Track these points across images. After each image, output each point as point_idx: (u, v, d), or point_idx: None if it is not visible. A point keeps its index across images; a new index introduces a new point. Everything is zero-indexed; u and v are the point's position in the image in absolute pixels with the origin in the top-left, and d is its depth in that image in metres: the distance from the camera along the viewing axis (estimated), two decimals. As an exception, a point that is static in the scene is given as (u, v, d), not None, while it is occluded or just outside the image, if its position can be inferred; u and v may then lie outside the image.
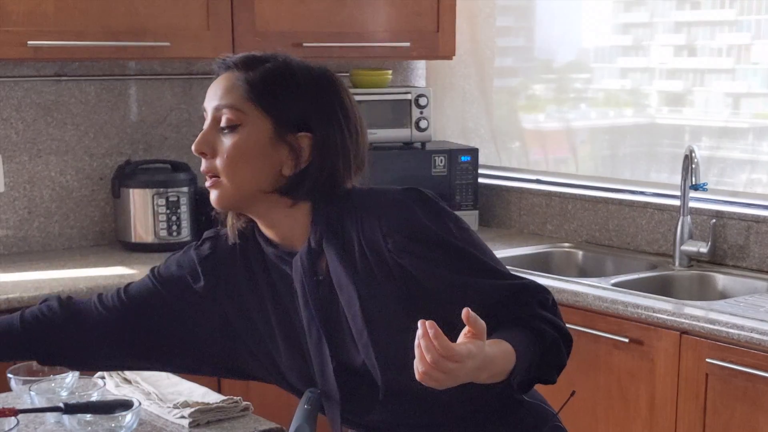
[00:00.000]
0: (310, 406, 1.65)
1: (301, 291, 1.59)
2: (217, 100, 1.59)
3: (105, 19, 3.03)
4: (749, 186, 3.21)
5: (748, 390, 2.45)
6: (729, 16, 3.30)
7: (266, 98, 1.56)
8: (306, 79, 1.59)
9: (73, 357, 1.72)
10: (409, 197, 1.57)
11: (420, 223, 1.54)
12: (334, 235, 1.57)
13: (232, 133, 1.57)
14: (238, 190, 1.58)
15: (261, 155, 1.56)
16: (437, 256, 1.53)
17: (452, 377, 1.34)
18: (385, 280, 1.54)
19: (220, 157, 1.58)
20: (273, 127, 1.56)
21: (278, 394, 3.10)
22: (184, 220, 3.30)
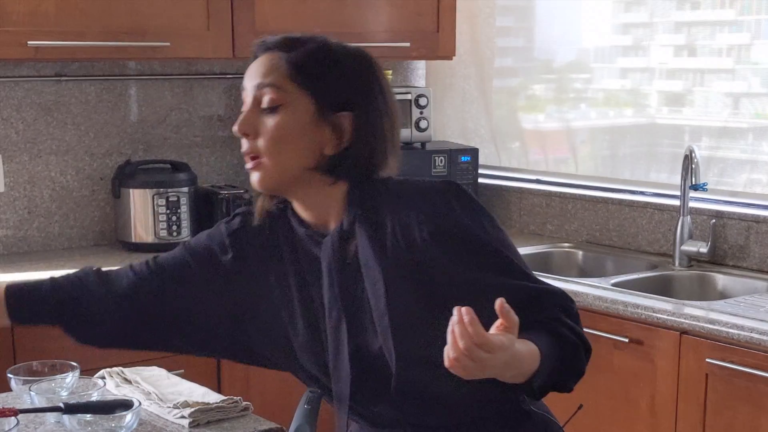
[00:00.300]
0: (310, 406, 1.65)
1: (327, 271, 1.59)
2: (258, 78, 1.58)
3: (105, 20, 3.03)
4: (749, 186, 3.21)
5: (749, 390, 2.45)
6: (729, 16, 3.30)
7: (308, 77, 1.57)
8: (346, 59, 1.60)
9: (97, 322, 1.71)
10: (448, 190, 1.58)
11: (456, 216, 1.55)
12: (367, 218, 1.58)
13: (274, 113, 1.56)
14: (281, 170, 1.57)
15: (303, 135, 1.57)
16: (468, 251, 1.54)
17: (481, 367, 1.33)
18: (412, 268, 1.54)
19: (263, 138, 1.56)
20: (315, 107, 1.57)
21: (278, 394, 3.11)
22: (184, 220, 3.30)
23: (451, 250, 1.54)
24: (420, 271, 1.54)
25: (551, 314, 1.53)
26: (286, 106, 1.56)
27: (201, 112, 3.62)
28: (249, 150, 1.57)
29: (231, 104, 3.67)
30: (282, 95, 1.56)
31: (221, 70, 3.63)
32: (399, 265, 1.54)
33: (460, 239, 1.54)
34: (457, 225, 1.55)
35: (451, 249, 1.54)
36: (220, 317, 1.69)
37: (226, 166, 3.69)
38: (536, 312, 1.51)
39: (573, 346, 1.52)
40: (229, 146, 3.68)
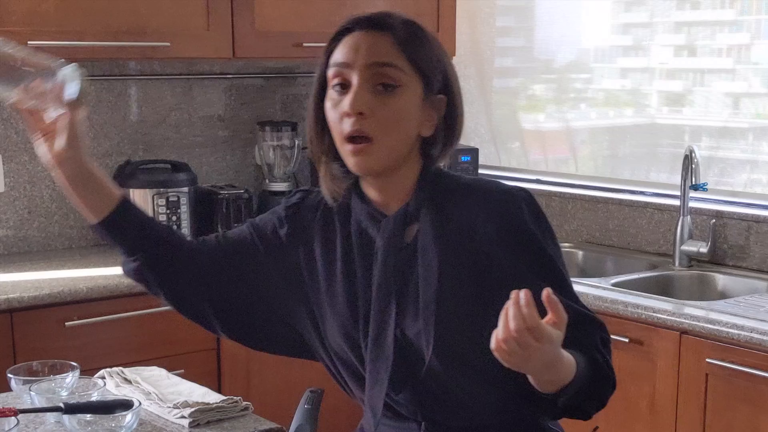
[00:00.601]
0: (310, 406, 1.65)
1: (384, 251, 1.59)
2: (373, 57, 1.54)
3: (105, 19, 3.03)
4: (749, 186, 3.21)
5: (749, 390, 2.45)
6: (729, 16, 3.30)
7: (420, 58, 1.56)
8: (435, 41, 1.61)
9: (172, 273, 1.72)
10: (520, 194, 1.59)
11: (523, 221, 1.56)
12: (434, 204, 1.59)
13: (392, 94, 1.53)
14: (390, 152, 1.56)
15: (414, 117, 1.56)
16: (529, 257, 1.55)
17: (525, 357, 1.32)
18: (470, 261, 1.54)
19: (379, 119, 1.53)
20: (422, 89, 1.56)
21: (278, 394, 3.11)
22: (184, 220, 3.30)
23: (512, 252, 1.54)
24: (476, 266, 1.54)
25: (591, 341, 1.53)
26: (403, 87, 1.54)
27: (201, 112, 3.62)
28: (359, 130, 1.53)
29: (231, 104, 3.67)
30: (401, 76, 1.54)
31: (221, 70, 3.63)
32: (457, 256, 1.54)
33: (524, 244, 1.56)
34: (524, 230, 1.56)
35: (513, 251, 1.54)
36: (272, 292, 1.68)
37: (226, 166, 3.69)
38: (576, 334, 1.51)
39: (604, 375, 1.52)
40: (229, 146, 3.68)
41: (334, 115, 1.57)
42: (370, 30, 1.57)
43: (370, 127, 1.53)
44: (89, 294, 2.80)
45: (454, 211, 1.58)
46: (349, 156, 1.55)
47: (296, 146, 3.57)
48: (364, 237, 1.62)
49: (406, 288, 1.57)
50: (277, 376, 3.12)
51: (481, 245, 1.55)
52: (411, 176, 1.61)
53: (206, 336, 3.01)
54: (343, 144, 1.56)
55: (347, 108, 1.53)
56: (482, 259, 1.54)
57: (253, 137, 3.68)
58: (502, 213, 1.56)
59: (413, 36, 1.58)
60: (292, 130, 3.57)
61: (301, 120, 3.76)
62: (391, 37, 1.55)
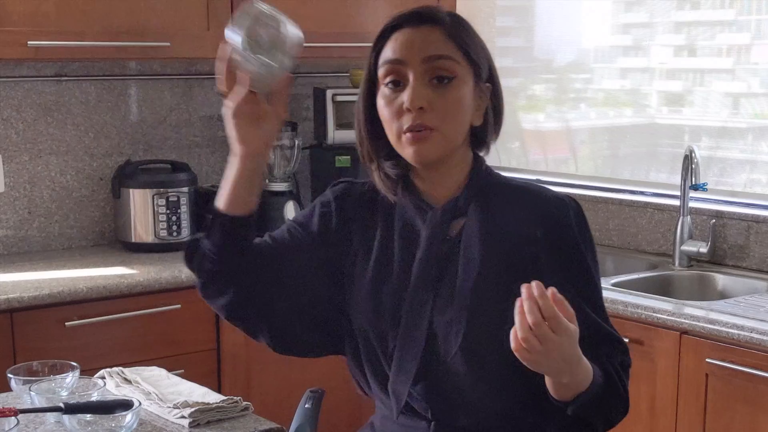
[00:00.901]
0: (310, 406, 1.65)
1: (427, 242, 1.60)
2: (428, 51, 1.55)
3: (105, 20, 3.03)
4: (749, 186, 3.21)
5: (749, 390, 2.45)
6: (729, 16, 3.30)
7: (469, 48, 1.58)
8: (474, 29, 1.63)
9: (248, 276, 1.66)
10: (570, 203, 1.62)
11: (571, 231, 1.59)
12: (483, 201, 1.60)
13: (448, 86, 1.55)
14: (449, 142, 1.57)
15: (469, 106, 1.58)
16: (568, 268, 1.57)
17: (546, 351, 1.33)
18: (509, 263, 1.55)
19: (438, 111, 1.54)
20: (473, 77, 1.58)
21: (278, 394, 3.11)
22: (184, 220, 3.30)
23: (554, 259, 1.56)
24: (517, 267, 1.55)
25: (611, 360, 1.55)
26: (458, 77, 1.56)
27: (201, 112, 3.62)
28: (419, 124, 1.54)
29: (231, 104, 3.67)
30: (456, 66, 1.55)
31: (221, 70, 3.62)
32: (499, 254, 1.55)
33: (567, 253, 1.58)
34: (569, 239, 1.58)
35: (556, 259, 1.56)
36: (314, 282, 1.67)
37: (225, 166, 3.68)
38: (598, 351, 1.53)
39: (617, 394, 1.54)
40: (228, 146, 3.67)
41: (389, 112, 1.57)
42: (420, 25, 1.58)
43: (431, 120, 1.54)
44: (89, 294, 2.80)
45: (504, 210, 1.60)
46: (408, 145, 1.55)
47: (296, 146, 3.57)
48: (408, 227, 1.63)
49: (443, 280, 1.58)
50: (277, 376, 3.12)
51: (525, 248, 1.56)
52: (462, 169, 1.63)
53: (206, 336, 3.02)
54: (400, 137, 1.56)
55: (407, 104, 1.53)
56: (524, 262, 1.56)
57: (253, 137, 3.68)
58: (552, 219, 1.58)
59: (461, 26, 1.59)
60: (292, 130, 3.57)
61: (301, 120, 3.75)
62: (441, 29, 1.57)
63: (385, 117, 1.58)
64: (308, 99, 3.78)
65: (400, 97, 1.55)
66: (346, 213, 1.68)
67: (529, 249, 1.56)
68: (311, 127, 3.73)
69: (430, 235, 1.60)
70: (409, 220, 1.63)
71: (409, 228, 1.63)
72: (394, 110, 1.55)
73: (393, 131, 1.57)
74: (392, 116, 1.56)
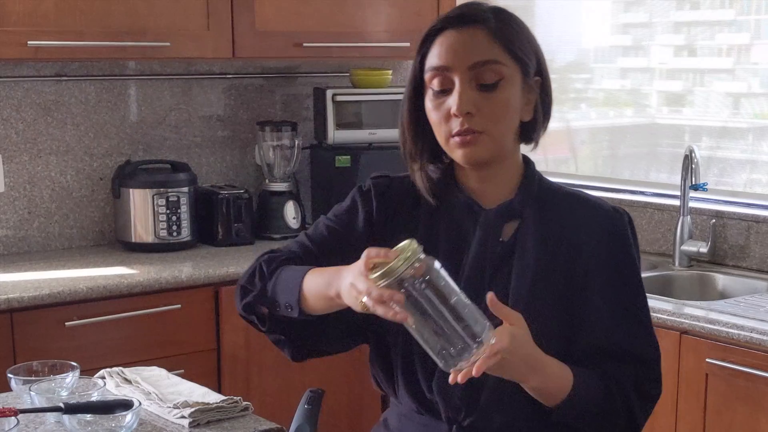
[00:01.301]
0: (310, 406, 1.65)
1: (480, 244, 1.58)
2: (472, 57, 1.53)
3: (105, 19, 3.03)
4: (749, 186, 3.21)
5: (749, 390, 2.45)
6: (729, 16, 3.30)
7: (514, 47, 1.55)
8: (523, 22, 1.60)
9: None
10: (625, 217, 1.61)
11: (628, 245, 1.59)
12: (540, 206, 1.59)
13: (495, 89, 1.53)
14: (499, 143, 1.56)
15: (517, 105, 1.57)
16: (620, 282, 1.56)
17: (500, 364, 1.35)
18: (563, 270, 1.54)
19: (486, 114, 1.53)
20: (521, 75, 1.56)
21: (278, 394, 3.11)
22: (184, 220, 3.30)
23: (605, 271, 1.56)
24: (570, 274, 1.55)
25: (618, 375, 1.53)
26: (505, 79, 1.54)
27: (200, 112, 3.62)
28: (467, 128, 1.52)
29: (231, 104, 3.67)
30: (502, 69, 1.53)
31: (221, 70, 3.63)
32: (554, 261, 1.55)
33: (621, 267, 1.57)
34: (626, 254, 1.58)
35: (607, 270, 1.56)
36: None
37: (225, 166, 3.69)
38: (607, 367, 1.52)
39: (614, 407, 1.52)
40: (228, 146, 3.68)
41: (438, 116, 1.56)
42: (463, 27, 1.55)
43: (479, 124, 1.53)
44: (89, 294, 2.80)
45: (560, 218, 1.59)
46: (457, 148, 1.55)
47: (296, 146, 3.57)
48: (454, 226, 1.61)
49: (495, 283, 1.56)
50: (277, 376, 3.12)
51: (581, 257, 1.56)
52: (513, 169, 1.62)
53: (206, 336, 3.02)
54: (448, 140, 1.55)
55: (454, 110, 1.52)
56: (577, 270, 1.55)
57: (252, 137, 3.68)
58: (611, 232, 1.58)
59: (506, 24, 1.56)
60: (292, 130, 3.57)
61: (301, 120, 3.75)
62: (485, 30, 1.54)
63: (433, 121, 1.57)
64: (308, 99, 3.78)
65: (447, 102, 1.54)
66: (388, 208, 1.66)
67: (585, 260, 1.56)
68: (311, 127, 3.73)
69: (483, 237, 1.58)
70: (456, 219, 1.62)
71: (456, 227, 1.61)
72: (443, 115, 1.55)
73: (442, 134, 1.56)
74: (440, 120, 1.55)
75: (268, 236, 3.50)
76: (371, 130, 3.56)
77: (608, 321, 1.55)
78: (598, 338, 1.53)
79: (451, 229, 1.62)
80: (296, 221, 3.53)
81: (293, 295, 1.55)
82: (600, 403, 1.51)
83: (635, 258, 1.60)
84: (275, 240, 3.48)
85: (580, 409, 1.49)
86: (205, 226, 3.40)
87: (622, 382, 1.54)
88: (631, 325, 1.57)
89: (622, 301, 1.56)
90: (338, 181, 3.51)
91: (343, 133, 3.53)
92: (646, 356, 1.58)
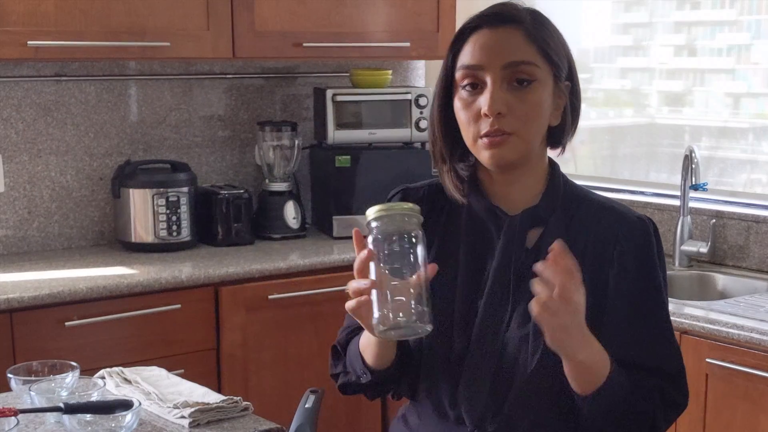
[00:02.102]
0: (310, 406, 1.65)
1: (504, 251, 1.56)
2: (507, 57, 1.50)
3: (105, 19, 3.03)
4: (749, 186, 3.21)
5: (749, 390, 2.45)
6: (729, 16, 3.30)
7: (549, 49, 1.53)
8: (555, 25, 1.58)
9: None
10: (651, 225, 1.60)
11: (650, 255, 1.57)
12: (566, 213, 1.58)
13: (527, 90, 1.51)
14: (528, 144, 1.54)
15: (548, 108, 1.55)
16: (642, 292, 1.55)
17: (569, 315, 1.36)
18: (590, 278, 1.52)
19: (518, 115, 1.50)
20: (553, 78, 1.54)
21: (278, 394, 3.11)
22: (184, 220, 3.30)
23: (635, 281, 1.55)
24: (596, 282, 1.53)
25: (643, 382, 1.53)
26: (538, 81, 1.52)
27: (201, 112, 3.62)
28: (498, 129, 1.50)
29: (231, 104, 3.67)
30: (536, 70, 1.51)
31: (221, 70, 3.63)
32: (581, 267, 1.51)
33: (647, 278, 1.56)
34: (652, 264, 1.57)
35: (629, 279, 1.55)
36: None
37: (225, 166, 3.69)
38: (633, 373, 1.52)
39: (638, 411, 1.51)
40: (228, 146, 3.68)
41: (467, 115, 1.54)
42: (498, 26, 1.53)
43: (509, 125, 1.51)
44: (89, 294, 2.79)
45: (585, 226, 1.57)
46: (485, 149, 1.52)
47: (296, 146, 3.57)
48: (476, 232, 1.60)
49: (520, 291, 1.54)
50: (277, 376, 3.12)
51: (605, 266, 1.55)
52: (538, 173, 1.60)
53: (206, 336, 3.01)
54: (476, 140, 1.53)
55: (485, 109, 1.50)
56: (603, 278, 1.54)
57: (252, 137, 3.68)
58: (636, 242, 1.56)
59: (541, 26, 1.55)
60: (291, 130, 3.57)
61: (301, 120, 3.75)
62: (521, 30, 1.52)
63: (462, 120, 1.55)
64: (308, 99, 3.78)
65: (477, 101, 1.52)
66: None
67: (606, 269, 1.55)
68: (311, 127, 3.73)
69: (506, 244, 1.56)
70: (478, 225, 1.60)
71: (478, 233, 1.60)
72: (472, 114, 1.52)
73: (470, 135, 1.54)
74: (469, 120, 1.53)
75: (268, 236, 3.50)
76: (371, 130, 3.56)
77: (631, 332, 1.54)
78: (620, 349, 1.51)
79: (472, 234, 1.60)
80: (296, 221, 3.53)
81: (359, 362, 1.58)
82: (629, 399, 1.49)
83: (659, 269, 1.58)
84: (275, 240, 3.48)
85: (612, 401, 1.47)
86: (205, 226, 3.40)
87: (648, 388, 1.53)
88: (653, 337, 1.56)
89: (644, 313, 1.55)
90: (338, 181, 3.51)
91: (342, 133, 3.53)
92: (669, 369, 1.57)
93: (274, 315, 3.10)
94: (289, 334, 3.14)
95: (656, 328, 1.57)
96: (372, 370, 1.58)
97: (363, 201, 3.48)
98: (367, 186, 3.48)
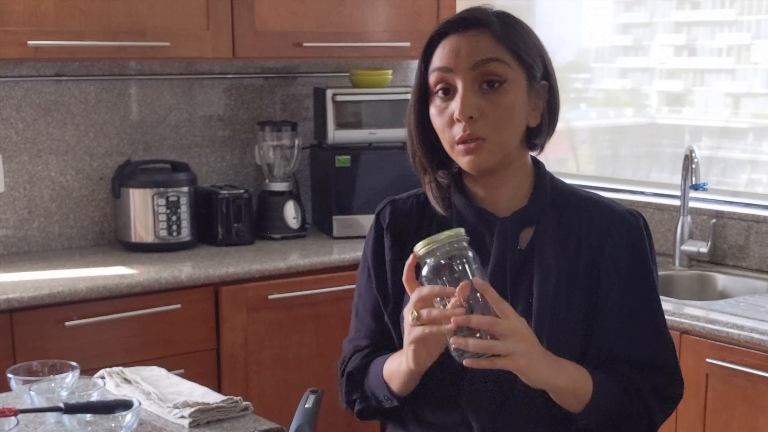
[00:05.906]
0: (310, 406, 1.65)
1: (498, 254, 1.56)
2: (475, 57, 1.50)
3: (105, 19, 3.03)
4: (749, 186, 3.21)
5: (748, 390, 2.45)
6: (729, 16, 3.30)
7: (519, 50, 1.52)
8: (529, 26, 1.57)
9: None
10: (642, 220, 1.60)
11: (646, 250, 1.57)
12: (555, 211, 1.58)
13: (498, 92, 1.50)
14: (503, 148, 1.52)
15: (523, 109, 1.54)
16: (633, 285, 1.56)
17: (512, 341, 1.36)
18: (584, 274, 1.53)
19: (489, 118, 1.49)
20: (526, 79, 1.53)
21: (278, 394, 3.11)
22: (184, 220, 3.30)
23: (619, 274, 1.55)
24: (590, 279, 1.54)
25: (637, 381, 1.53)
26: (509, 81, 1.50)
27: (201, 112, 3.62)
28: (471, 134, 1.49)
29: (231, 104, 3.67)
30: (506, 70, 1.50)
31: (221, 70, 3.63)
32: (575, 265, 1.54)
33: (640, 273, 1.56)
34: (644, 259, 1.57)
35: (620, 273, 1.55)
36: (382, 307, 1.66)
37: (225, 166, 3.69)
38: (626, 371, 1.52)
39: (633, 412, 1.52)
40: (228, 146, 3.68)
41: (441, 121, 1.53)
42: (466, 30, 1.52)
43: (482, 129, 1.50)
44: (89, 294, 2.79)
45: (575, 223, 1.57)
46: (461, 156, 1.52)
47: (296, 146, 3.57)
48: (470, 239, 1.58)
49: (517, 293, 1.54)
50: (277, 376, 3.12)
51: (601, 261, 1.55)
52: (522, 173, 1.59)
53: (206, 336, 3.01)
54: (453, 146, 1.53)
55: (457, 114, 1.49)
56: (596, 274, 1.54)
57: (252, 137, 3.68)
58: (627, 237, 1.56)
59: (510, 27, 1.54)
60: (291, 130, 3.57)
61: (301, 120, 3.76)
62: (489, 33, 1.51)
63: (438, 126, 1.54)
64: (308, 99, 3.78)
65: (450, 106, 1.51)
66: (401, 234, 1.64)
67: (605, 264, 1.55)
68: (311, 127, 3.73)
69: (500, 246, 1.56)
70: (469, 231, 1.56)
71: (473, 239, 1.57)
72: (446, 120, 1.52)
73: (446, 141, 1.54)
74: (444, 126, 1.53)
75: (268, 236, 3.50)
76: (371, 130, 3.56)
77: (623, 327, 1.54)
78: (613, 344, 1.52)
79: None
80: (296, 221, 3.53)
81: (383, 390, 1.59)
82: (620, 404, 1.50)
83: (651, 263, 1.58)
84: (275, 240, 3.48)
85: (604, 411, 1.48)
86: (205, 226, 3.40)
87: (639, 385, 1.53)
88: (646, 331, 1.56)
89: (637, 307, 1.55)
90: (338, 181, 3.51)
91: (342, 133, 3.53)
92: (662, 362, 1.57)
93: (274, 315, 3.10)
94: (289, 334, 3.14)
95: (649, 321, 1.57)
96: (397, 395, 1.58)
97: (363, 201, 3.48)
98: (367, 186, 3.48)
